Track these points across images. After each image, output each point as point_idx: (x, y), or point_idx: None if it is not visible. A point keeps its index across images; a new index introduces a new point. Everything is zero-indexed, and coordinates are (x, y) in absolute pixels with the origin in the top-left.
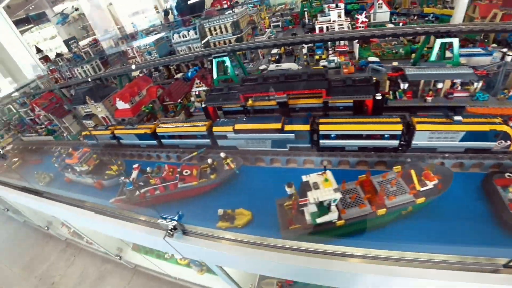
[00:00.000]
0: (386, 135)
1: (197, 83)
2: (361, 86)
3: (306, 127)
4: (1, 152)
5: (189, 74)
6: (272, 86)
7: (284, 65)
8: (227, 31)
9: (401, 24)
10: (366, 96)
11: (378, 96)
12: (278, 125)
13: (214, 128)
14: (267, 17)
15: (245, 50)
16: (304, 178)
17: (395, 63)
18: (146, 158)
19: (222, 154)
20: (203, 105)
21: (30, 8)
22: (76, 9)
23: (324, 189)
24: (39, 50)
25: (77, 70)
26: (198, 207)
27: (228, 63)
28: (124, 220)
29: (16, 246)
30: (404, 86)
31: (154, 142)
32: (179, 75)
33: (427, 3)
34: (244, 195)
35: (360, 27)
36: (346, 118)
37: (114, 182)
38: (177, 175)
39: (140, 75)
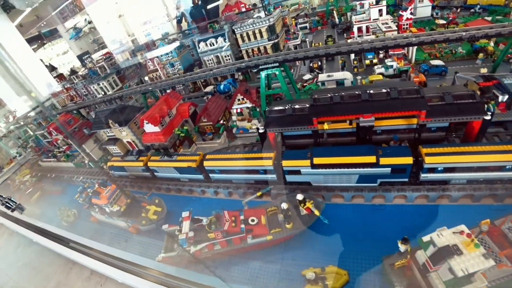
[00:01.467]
0: (508, 166)
1: (239, 100)
2: (465, 104)
3: (408, 160)
4: (18, 204)
5: (222, 87)
6: (353, 106)
7: (337, 75)
8: (262, 36)
9: (450, 18)
10: (474, 117)
11: (487, 116)
12: (371, 159)
13: (284, 163)
14: (293, 19)
15: (310, 59)
16: (436, 238)
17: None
18: (186, 193)
19: (299, 196)
20: (261, 129)
21: (42, 25)
22: (89, 22)
23: (470, 254)
24: (53, 69)
25: (93, 87)
26: (271, 262)
27: (279, 75)
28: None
29: (39, 272)
30: (503, 98)
31: (200, 176)
32: (208, 89)
33: None
34: (328, 244)
35: (404, 25)
36: (454, 147)
37: (152, 226)
38: (242, 225)
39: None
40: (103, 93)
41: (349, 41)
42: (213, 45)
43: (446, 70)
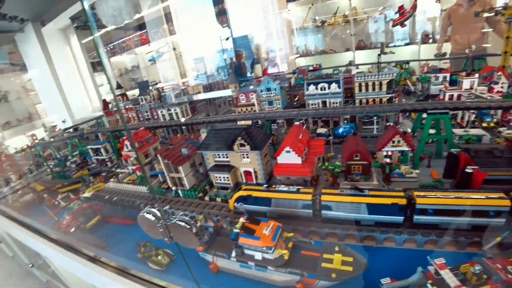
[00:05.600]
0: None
1: (394, 142)
2: None
3: None
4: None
5: (341, 130)
6: None
7: (473, 131)
8: (381, 88)
9: None
10: None
11: None
12: None
13: None
14: None
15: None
16: None
17: None
18: (370, 242)
19: None
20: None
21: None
22: (174, 49)
23: None
24: (119, 86)
25: (161, 112)
26: None
27: (447, 121)
28: None
29: None
30: None
31: (400, 219)
32: (322, 130)
33: None
34: None
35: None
36: None
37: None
38: None
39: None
40: (170, 119)
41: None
42: (324, 89)
43: None
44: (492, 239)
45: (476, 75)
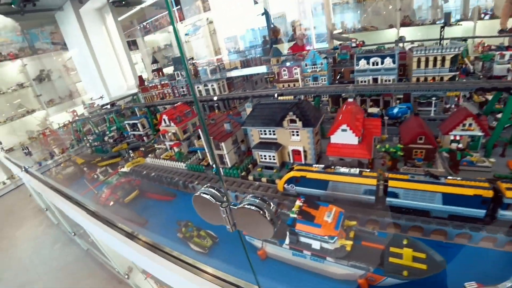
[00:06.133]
0: None
1: (465, 125)
2: None
3: None
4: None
5: (395, 110)
6: None
7: None
8: (443, 65)
9: None
10: None
11: None
12: None
13: None
14: None
15: None
16: None
17: None
18: (439, 236)
19: None
20: None
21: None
22: (211, 22)
23: None
24: (155, 61)
25: (197, 87)
26: None
27: None
28: None
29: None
30: None
31: (481, 213)
32: (373, 110)
33: None
34: None
35: None
36: None
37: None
38: None
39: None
40: (206, 94)
41: None
42: (377, 64)
43: None
44: None
45: None
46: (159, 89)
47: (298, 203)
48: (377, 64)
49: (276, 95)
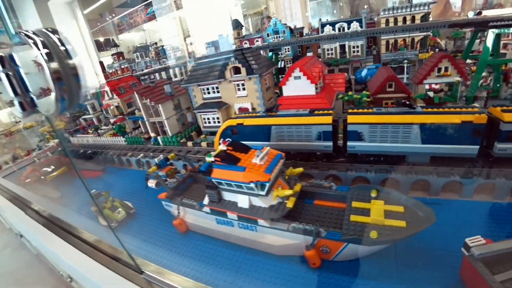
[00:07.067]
0: None
1: (440, 69)
2: None
3: None
4: None
5: (364, 73)
6: None
7: None
8: (412, 24)
9: None
10: None
11: None
12: None
13: None
14: None
15: None
16: None
17: None
18: (427, 193)
19: None
20: None
21: (98, 31)
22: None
23: None
24: (115, 45)
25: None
26: None
27: None
28: None
29: None
30: None
31: (474, 150)
32: None
33: None
34: None
35: None
36: None
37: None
38: None
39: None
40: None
41: None
42: (343, 30)
43: None
44: None
45: None
46: (118, 74)
47: (221, 147)
48: (343, 29)
49: None
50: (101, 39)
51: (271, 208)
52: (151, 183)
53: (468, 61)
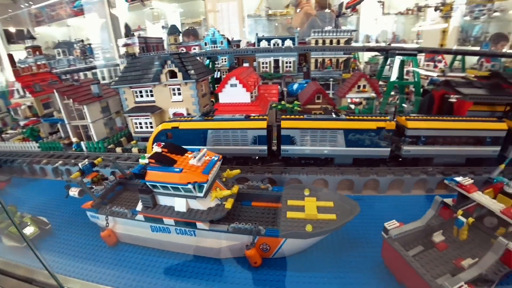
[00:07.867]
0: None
1: (359, 87)
2: None
3: None
4: None
5: (295, 87)
6: None
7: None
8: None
9: None
10: None
11: None
12: None
13: None
14: None
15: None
16: None
17: None
18: (351, 190)
19: None
20: None
21: (8, 19)
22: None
23: None
24: (31, 37)
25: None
26: None
27: (415, 64)
28: None
29: None
30: None
31: (386, 152)
32: None
33: None
34: None
35: None
36: None
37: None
38: None
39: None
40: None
41: None
42: (277, 45)
43: None
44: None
45: None
46: (33, 71)
47: (156, 148)
48: (277, 44)
49: None
50: (12, 29)
51: (209, 211)
52: (73, 192)
53: (381, 82)
